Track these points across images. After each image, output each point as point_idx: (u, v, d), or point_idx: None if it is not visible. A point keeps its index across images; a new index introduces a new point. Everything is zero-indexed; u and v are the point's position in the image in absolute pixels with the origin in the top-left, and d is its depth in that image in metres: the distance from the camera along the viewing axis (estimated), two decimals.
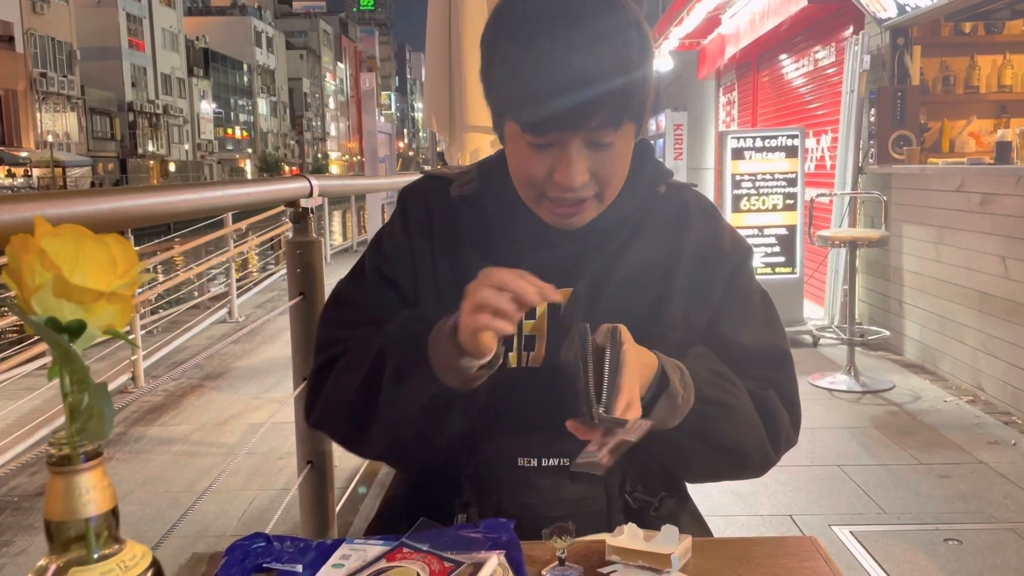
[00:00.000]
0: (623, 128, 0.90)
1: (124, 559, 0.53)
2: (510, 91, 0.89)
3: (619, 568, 0.77)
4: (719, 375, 0.95)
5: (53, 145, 37.05)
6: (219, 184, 1.88)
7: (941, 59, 5.40)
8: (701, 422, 0.91)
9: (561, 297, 0.91)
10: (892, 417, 3.81)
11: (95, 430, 0.51)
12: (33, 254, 0.53)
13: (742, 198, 5.47)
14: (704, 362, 0.95)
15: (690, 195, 1.06)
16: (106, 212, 1.03)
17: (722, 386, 0.95)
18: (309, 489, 1.77)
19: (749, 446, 0.98)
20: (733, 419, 0.95)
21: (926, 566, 2.43)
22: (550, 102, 0.85)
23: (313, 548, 0.82)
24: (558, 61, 0.84)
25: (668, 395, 0.87)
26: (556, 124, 0.87)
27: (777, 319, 1.05)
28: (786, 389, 1.02)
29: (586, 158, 0.89)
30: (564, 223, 0.96)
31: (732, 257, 1.03)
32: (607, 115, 0.87)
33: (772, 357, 1.02)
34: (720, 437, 0.94)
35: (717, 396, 0.93)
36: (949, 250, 4.35)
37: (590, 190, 0.92)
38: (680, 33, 9.04)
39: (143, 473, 3.43)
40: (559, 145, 0.89)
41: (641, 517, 0.94)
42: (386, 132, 11.12)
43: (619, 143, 0.91)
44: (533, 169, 0.91)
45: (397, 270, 1.02)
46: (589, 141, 0.89)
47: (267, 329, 5.94)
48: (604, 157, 0.90)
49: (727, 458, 0.98)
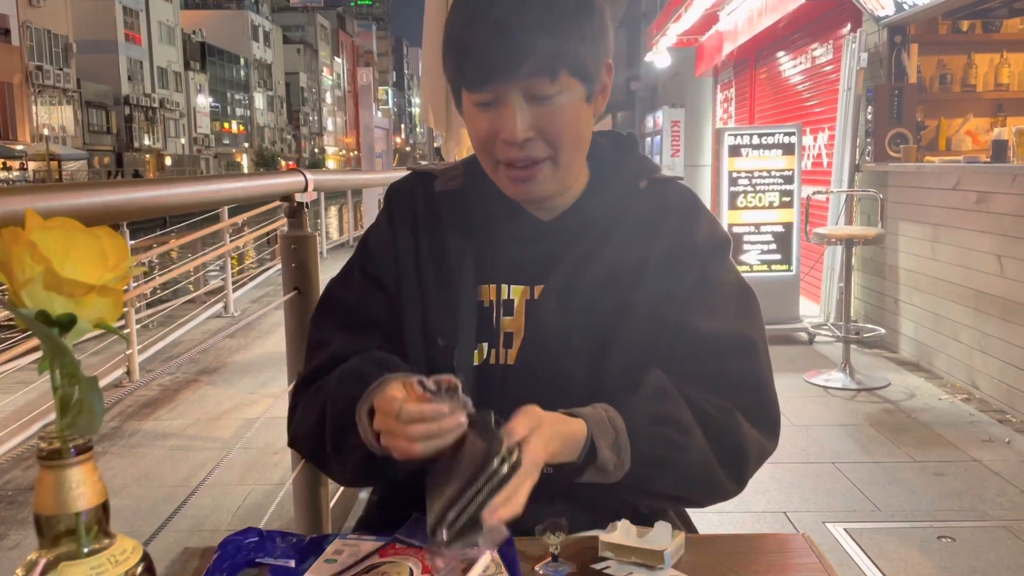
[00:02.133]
0: (561, 79, 0.89)
1: (115, 553, 0.52)
2: (452, 51, 0.92)
3: (612, 564, 0.77)
4: (665, 422, 0.90)
5: (49, 138, 36.92)
6: (213, 178, 1.88)
7: (938, 57, 5.41)
8: (637, 480, 0.89)
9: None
10: (887, 415, 3.82)
11: (85, 424, 0.51)
12: (23, 247, 0.53)
13: (739, 195, 5.47)
14: (650, 408, 0.90)
15: (672, 190, 1.03)
16: (98, 205, 1.02)
17: (665, 439, 0.90)
18: (303, 484, 1.76)
19: (696, 491, 0.95)
20: (675, 472, 0.91)
21: (920, 563, 2.43)
22: (482, 52, 0.88)
23: (306, 543, 0.82)
24: (488, 12, 0.88)
25: (597, 467, 0.86)
26: (490, 74, 0.89)
27: (752, 311, 1.00)
28: (750, 382, 0.96)
29: (527, 112, 0.90)
30: (521, 191, 0.96)
31: (704, 249, 1.00)
32: (538, 62, 0.88)
33: (734, 347, 0.96)
34: (662, 488, 0.92)
35: (657, 453, 0.89)
36: (945, 248, 4.36)
37: (539, 150, 0.92)
38: (678, 29, 9.02)
39: (137, 468, 3.43)
40: (500, 101, 0.90)
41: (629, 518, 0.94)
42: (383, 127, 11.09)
43: (562, 98, 0.90)
44: (482, 132, 0.93)
45: (380, 267, 1.03)
46: (528, 94, 0.89)
47: (262, 324, 5.93)
48: (547, 112, 0.90)
49: (672, 502, 1.00)
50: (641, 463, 0.87)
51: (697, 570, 0.78)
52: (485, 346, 0.97)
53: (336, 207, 26.47)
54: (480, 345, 0.97)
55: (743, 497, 3.05)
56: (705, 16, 8.25)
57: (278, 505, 2.43)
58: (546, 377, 0.94)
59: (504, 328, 0.97)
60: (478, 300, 0.98)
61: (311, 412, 0.97)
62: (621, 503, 0.96)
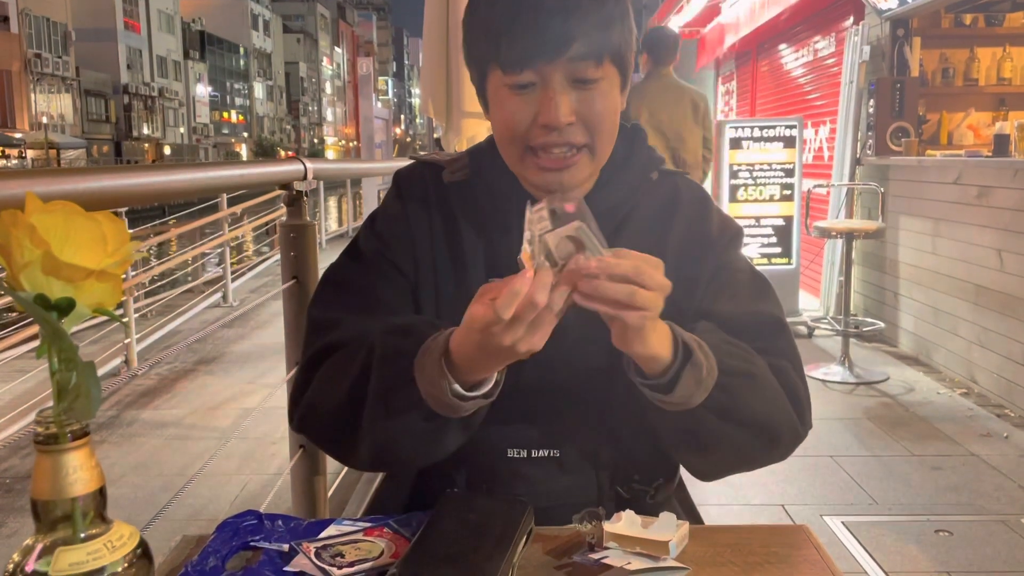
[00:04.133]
0: (605, 66, 0.88)
1: (111, 539, 0.52)
2: (490, 31, 0.89)
3: (612, 552, 0.76)
4: (734, 344, 0.89)
5: (47, 127, 36.85)
6: (212, 165, 1.87)
7: (941, 51, 5.39)
8: (726, 396, 0.84)
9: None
10: (885, 408, 3.82)
11: (82, 409, 0.51)
12: (22, 229, 0.52)
13: (739, 188, 5.46)
14: (715, 333, 0.89)
15: (682, 182, 1.04)
16: (98, 191, 1.01)
17: (741, 356, 0.88)
18: (301, 474, 1.76)
19: (779, 419, 0.91)
20: (759, 390, 0.88)
21: (917, 557, 2.44)
22: (527, 31, 0.86)
23: (303, 527, 0.82)
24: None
25: (692, 365, 0.81)
26: (535, 54, 0.86)
27: (770, 293, 0.99)
28: (791, 357, 0.95)
29: (570, 96, 0.88)
30: (554, 181, 0.91)
31: (720, 239, 1.00)
32: (586, 44, 0.86)
33: (764, 324, 0.95)
34: (748, 412, 0.87)
35: (739, 366, 0.86)
36: (945, 242, 4.35)
37: (578, 136, 0.89)
38: (680, 21, 9.00)
39: (135, 456, 3.43)
40: (541, 83, 0.88)
41: (633, 508, 0.94)
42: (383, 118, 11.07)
43: (604, 84, 0.89)
44: (517, 116, 0.89)
45: (396, 251, 0.98)
46: (571, 77, 0.87)
47: (261, 314, 5.92)
48: (589, 97, 0.88)
49: (756, 437, 0.90)
50: (727, 373, 0.84)
51: (696, 561, 0.78)
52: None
53: (335, 198, 26.44)
54: None
55: (740, 490, 3.05)
56: (707, 8, 8.23)
57: (275, 494, 2.42)
58: (563, 371, 0.93)
59: None
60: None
61: (337, 384, 0.88)
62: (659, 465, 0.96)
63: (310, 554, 0.76)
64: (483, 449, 0.94)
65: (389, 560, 0.75)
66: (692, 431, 0.86)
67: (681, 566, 0.76)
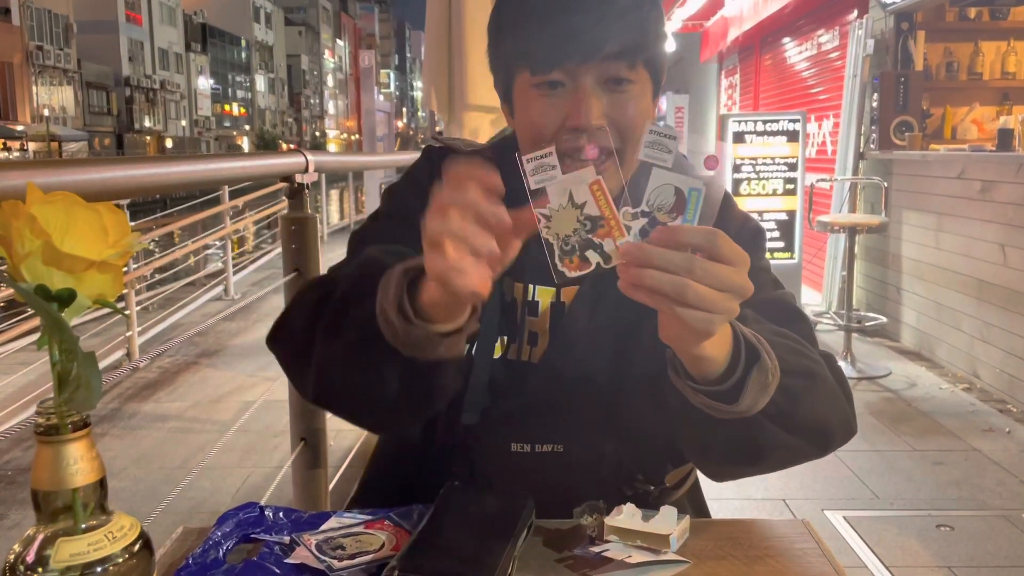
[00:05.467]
0: (638, 69, 0.86)
1: (112, 530, 0.52)
2: (519, 31, 0.86)
3: (612, 545, 0.76)
4: (787, 336, 0.81)
5: (49, 119, 36.83)
6: (214, 157, 1.87)
7: (945, 45, 5.37)
8: (788, 400, 0.75)
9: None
10: (887, 403, 3.82)
11: (83, 400, 0.51)
12: (23, 220, 0.52)
13: (742, 182, 5.45)
14: (764, 323, 0.81)
15: None
16: (97, 182, 1.01)
17: (799, 350, 0.80)
18: (302, 466, 1.76)
19: (836, 419, 0.84)
20: (819, 389, 0.81)
21: (918, 551, 2.44)
22: (558, 30, 0.83)
23: (304, 520, 0.82)
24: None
25: (759, 369, 0.72)
26: (568, 54, 0.83)
27: (791, 293, 0.97)
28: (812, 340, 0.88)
29: (601, 99, 0.84)
30: None
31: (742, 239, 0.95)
32: (620, 45, 0.83)
33: (788, 310, 0.90)
34: (810, 416, 0.79)
35: (799, 363, 0.79)
36: (948, 237, 4.34)
37: (609, 140, 0.85)
38: (683, 14, 8.97)
39: (137, 449, 3.43)
40: (572, 85, 0.84)
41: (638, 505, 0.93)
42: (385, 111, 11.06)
43: (636, 88, 0.86)
44: (546, 118, 0.85)
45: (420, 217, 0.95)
46: (604, 79, 0.84)
47: (263, 307, 5.92)
48: (620, 101, 0.85)
49: (812, 442, 0.82)
50: (788, 372, 0.75)
51: (697, 554, 0.78)
52: (506, 339, 0.94)
53: (337, 191, 26.42)
54: (501, 338, 0.94)
55: (742, 484, 3.06)
56: (711, 1, 8.20)
57: (277, 487, 2.43)
58: (570, 376, 0.92)
59: (528, 328, 0.94)
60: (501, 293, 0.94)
61: (308, 296, 0.85)
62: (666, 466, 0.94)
63: (311, 546, 0.76)
64: (486, 443, 0.93)
65: (390, 552, 0.75)
66: (743, 440, 0.77)
67: (682, 559, 0.76)
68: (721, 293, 0.65)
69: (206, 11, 58.19)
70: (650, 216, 0.67)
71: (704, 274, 0.65)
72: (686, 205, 0.65)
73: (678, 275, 0.64)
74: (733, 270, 0.66)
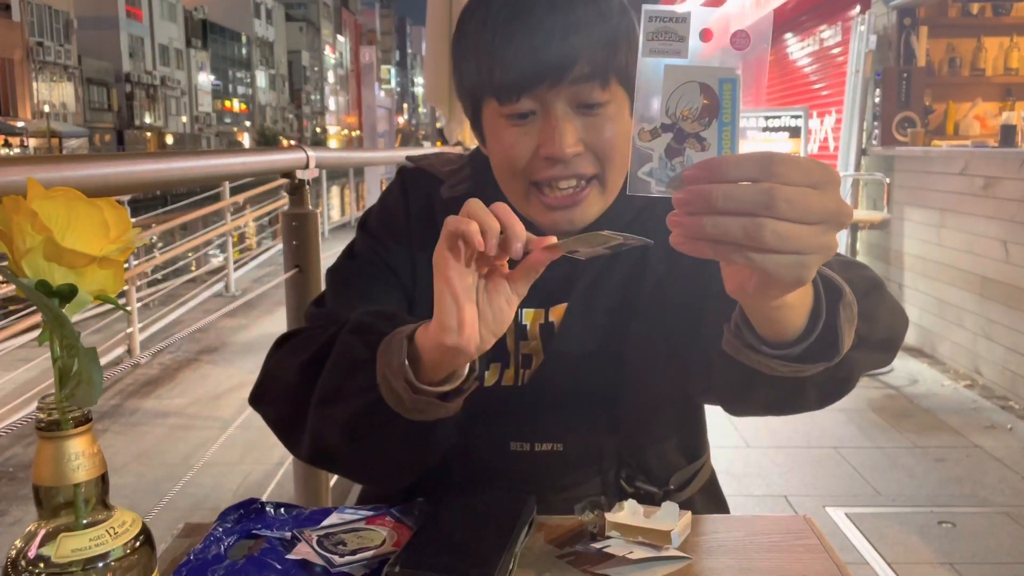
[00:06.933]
0: (612, 87, 0.80)
1: (113, 525, 0.52)
2: (481, 57, 0.81)
3: (614, 542, 0.76)
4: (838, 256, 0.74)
5: (49, 115, 36.84)
6: (215, 153, 1.86)
7: (948, 40, 5.36)
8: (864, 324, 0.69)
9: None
10: (889, 400, 3.82)
11: (84, 395, 0.50)
12: (24, 215, 0.52)
13: None
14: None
15: None
16: (98, 178, 1.01)
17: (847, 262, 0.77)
18: (303, 464, 1.76)
19: (899, 324, 0.80)
20: (884, 299, 0.77)
21: (920, 548, 2.44)
22: (521, 56, 0.77)
23: (306, 516, 0.82)
24: (529, 13, 0.78)
25: (844, 305, 0.65)
26: (535, 80, 0.78)
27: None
28: None
29: (575, 124, 0.79)
30: (563, 220, 0.83)
31: None
32: (589, 65, 0.78)
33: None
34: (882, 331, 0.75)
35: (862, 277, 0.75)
36: (950, 233, 4.34)
37: (587, 166, 0.81)
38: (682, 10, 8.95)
39: (138, 446, 3.44)
40: (543, 112, 0.80)
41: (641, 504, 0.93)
42: (386, 107, 11.06)
43: (611, 108, 0.81)
44: (517, 149, 0.81)
45: (395, 257, 0.92)
46: (575, 102, 0.79)
47: (263, 303, 5.93)
48: (596, 123, 0.80)
49: (884, 352, 0.78)
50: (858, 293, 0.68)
51: (698, 550, 0.78)
52: (499, 366, 0.91)
53: (338, 187, 26.42)
54: (492, 365, 0.91)
55: (743, 481, 3.05)
56: None
57: (278, 484, 2.43)
58: (567, 364, 0.91)
59: (522, 351, 0.92)
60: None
61: (296, 356, 0.82)
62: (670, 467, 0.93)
63: (312, 542, 0.75)
64: (485, 442, 0.93)
65: (391, 549, 0.75)
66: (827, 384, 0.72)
67: (683, 556, 0.75)
68: (810, 226, 0.52)
69: (207, 7, 58.16)
70: (675, 128, 0.53)
71: (787, 206, 0.51)
72: (719, 105, 0.51)
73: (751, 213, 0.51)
74: (818, 193, 0.52)
